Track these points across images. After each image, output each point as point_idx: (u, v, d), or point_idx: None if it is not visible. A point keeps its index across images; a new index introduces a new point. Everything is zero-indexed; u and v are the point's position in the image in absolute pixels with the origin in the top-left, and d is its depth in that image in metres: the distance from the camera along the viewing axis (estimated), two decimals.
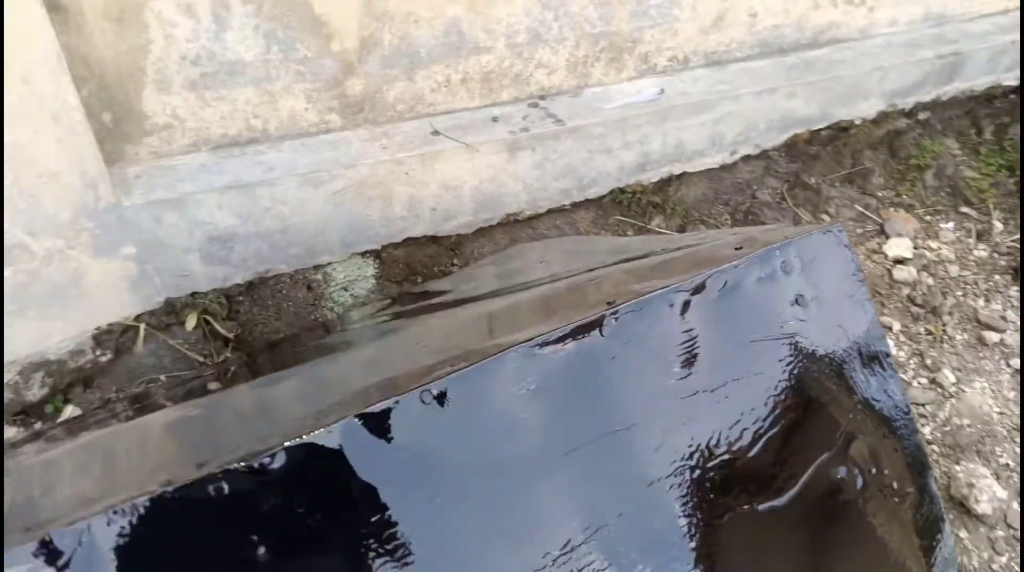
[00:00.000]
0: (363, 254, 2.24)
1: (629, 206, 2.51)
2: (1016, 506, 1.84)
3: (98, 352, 2.00)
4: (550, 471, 0.76)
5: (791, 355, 0.89)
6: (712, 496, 0.82)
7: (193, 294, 2.07)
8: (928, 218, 2.77)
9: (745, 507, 0.83)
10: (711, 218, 2.63)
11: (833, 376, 0.91)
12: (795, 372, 0.90)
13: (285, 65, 1.93)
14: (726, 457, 0.83)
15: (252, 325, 2.20)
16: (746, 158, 2.60)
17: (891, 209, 2.79)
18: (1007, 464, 1.91)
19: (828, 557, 0.85)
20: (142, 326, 2.02)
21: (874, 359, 0.93)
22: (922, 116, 2.90)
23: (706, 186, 2.63)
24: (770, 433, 0.86)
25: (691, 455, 0.83)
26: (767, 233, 1.02)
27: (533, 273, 1.58)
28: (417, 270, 2.32)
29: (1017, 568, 1.75)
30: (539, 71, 2.23)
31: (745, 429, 0.85)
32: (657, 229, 2.54)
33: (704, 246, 1.08)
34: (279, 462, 0.67)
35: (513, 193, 2.27)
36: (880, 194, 2.83)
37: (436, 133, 2.12)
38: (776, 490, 0.84)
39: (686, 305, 0.85)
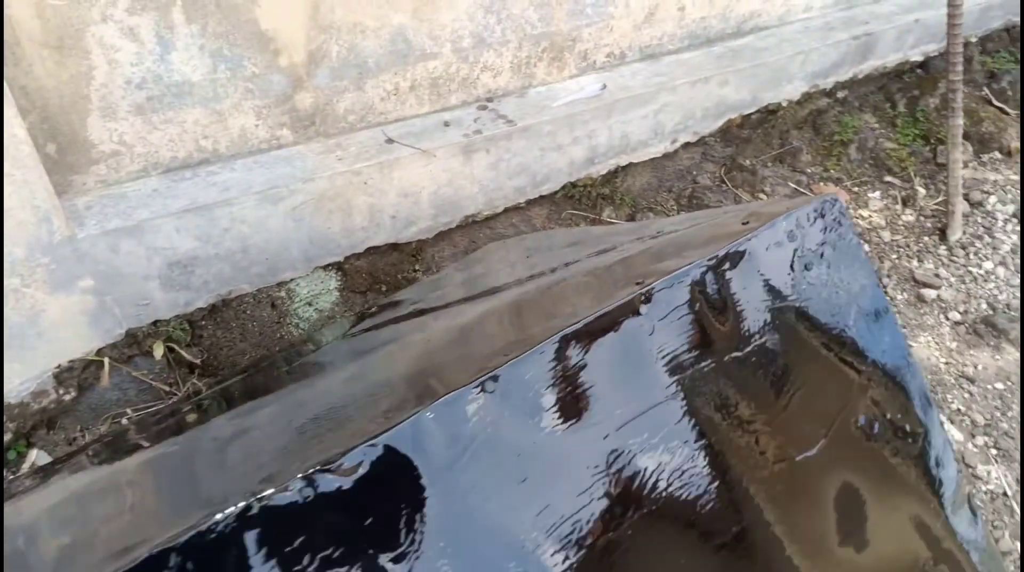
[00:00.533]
0: (325, 267, 2.22)
1: (580, 199, 2.57)
2: (972, 446, 1.98)
3: (61, 391, 1.93)
4: (612, 444, 0.80)
5: (808, 317, 0.96)
6: (756, 450, 0.88)
7: (155, 322, 2.02)
8: (856, 189, 2.94)
9: (783, 460, 0.89)
10: (657, 205, 2.72)
11: (845, 332, 0.98)
12: (812, 332, 0.97)
13: (233, 83, 1.90)
14: (765, 415, 0.90)
15: (217, 349, 2.16)
16: (686, 145, 2.70)
17: (821, 183, 2.95)
18: (958, 409, 2.05)
19: (858, 497, 0.92)
20: (107, 360, 1.96)
21: (878, 314, 1.01)
22: (841, 95, 3.07)
23: (650, 175, 2.72)
24: (799, 389, 0.93)
25: (733, 415, 0.88)
26: (766, 206, 1.09)
27: (512, 272, 1.62)
28: (380, 279, 2.32)
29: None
30: (485, 74, 2.27)
31: (777, 388, 0.91)
32: (608, 220, 2.62)
33: (705, 224, 1.14)
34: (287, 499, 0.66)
35: (470, 195, 2.29)
36: (809, 170, 2.98)
37: (391, 141, 2.13)
38: (808, 441, 0.90)
39: (713, 278, 0.91)
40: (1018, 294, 2.46)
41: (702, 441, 0.84)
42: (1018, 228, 2.70)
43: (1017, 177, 2.94)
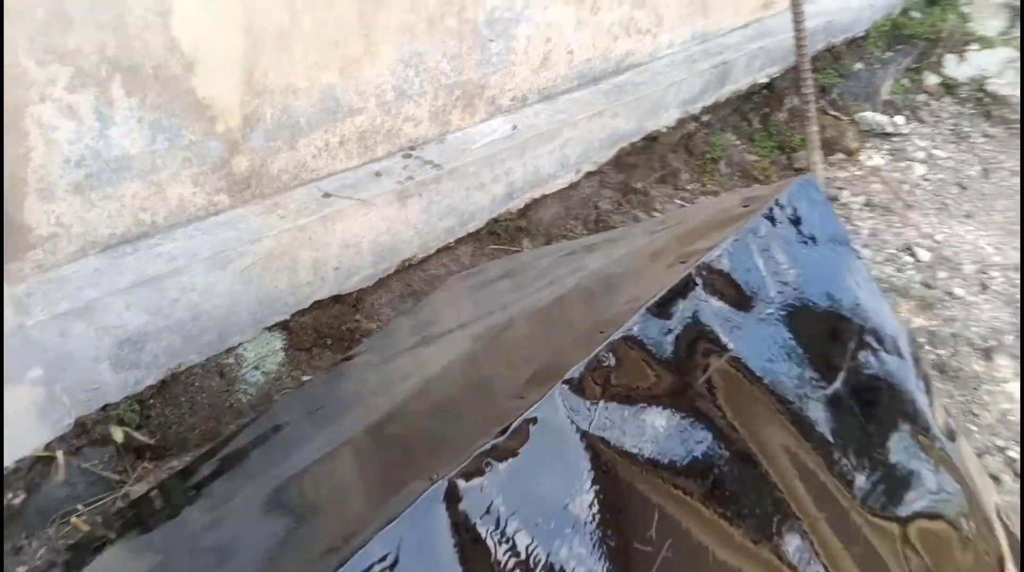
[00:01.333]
0: (271, 328, 2.21)
1: (501, 234, 2.71)
2: None
3: (9, 495, 1.80)
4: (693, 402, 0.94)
5: (812, 281, 1.16)
6: (794, 388, 1.05)
7: (104, 407, 1.93)
8: None
9: (810, 397, 1.07)
10: (568, 232, 2.92)
11: (842, 290, 1.19)
12: (817, 292, 1.16)
13: (172, 153, 1.89)
14: (795, 362, 1.07)
15: (167, 427, 2.09)
16: (587, 175, 2.93)
17: (701, 197, 3.27)
18: None
19: (865, 422, 1.11)
20: (60, 454, 1.85)
21: (858, 272, 1.22)
22: (705, 118, 3.43)
23: (559, 205, 2.92)
24: (818, 339, 1.12)
25: (774, 364, 1.05)
26: (754, 191, 1.27)
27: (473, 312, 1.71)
28: (324, 333, 2.33)
29: None
30: (407, 124, 2.37)
31: (802, 338, 1.09)
32: (526, 250, 2.77)
33: (708, 211, 1.32)
34: None
35: (407, 239, 2.37)
36: (689, 187, 3.30)
37: (328, 195, 2.18)
38: (828, 380, 1.10)
39: (740, 254, 1.08)
40: (885, 272, 2.86)
41: (756, 383, 1.00)
42: (872, 214, 3.14)
43: (861, 172, 3.42)
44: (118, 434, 1.91)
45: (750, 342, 1.05)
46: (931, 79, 4.07)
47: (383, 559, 0.72)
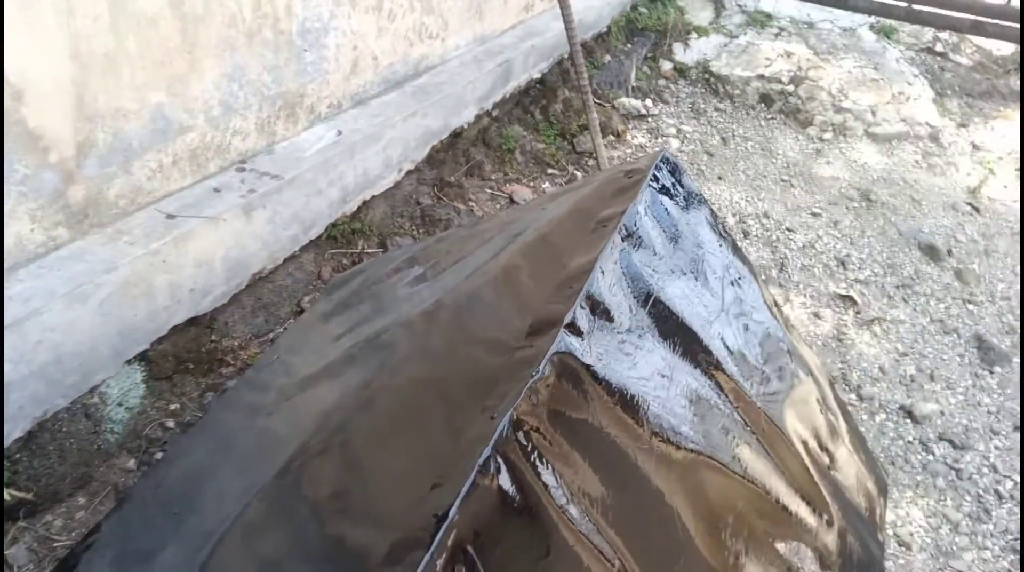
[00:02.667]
0: (131, 361, 2.13)
1: (339, 238, 2.80)
2: None
3: None
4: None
5: (692, 229, 1.45)
6: (702, 314, 1.34)
7: None
8: (531, 183, 3.63)
9: (711, 321, 1.36)
10: (400, 230, 3.07)
11: (711, 234, 1.50)
12: (696, 238, 1.45)
13: (6, 189, 1.78)
14: (697, 293, 1.35)
15: (37, 480, 1.95)
16: (408, 174, 3.10)
17: (507, 185, 3.59)
18: None
19: (744, 332, 1.44)
20: None
21: (714, 219, 1.55)
22: (495, 113, 3.75)
23: (385, 205, 3.06)
24: (705, 275, 1.41)
25: (687, 297, 1.33)
26: (631, 165, 1.53)
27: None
28: (184, 358, 2.28)
29: None
30: (236, 138, 2.39)
31: (703, 278, 1.38)
32: (366, 252, 2.89)
33: (592, 185, 1.56)
34: None
35: (255, 252, 2.39)
36: (494, 177, 3.60)
37: (172, 216, 2.14)
38: (718, 304, 1.41)
39: (643, 214, 1.33)
40: None
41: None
42: None
43: (630, 150, 3.94)
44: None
45: (666, 281, 1.32)
46: (666, 66, 4.76)
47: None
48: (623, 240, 1.28)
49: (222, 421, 1.82)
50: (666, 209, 1.44)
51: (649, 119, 4.30)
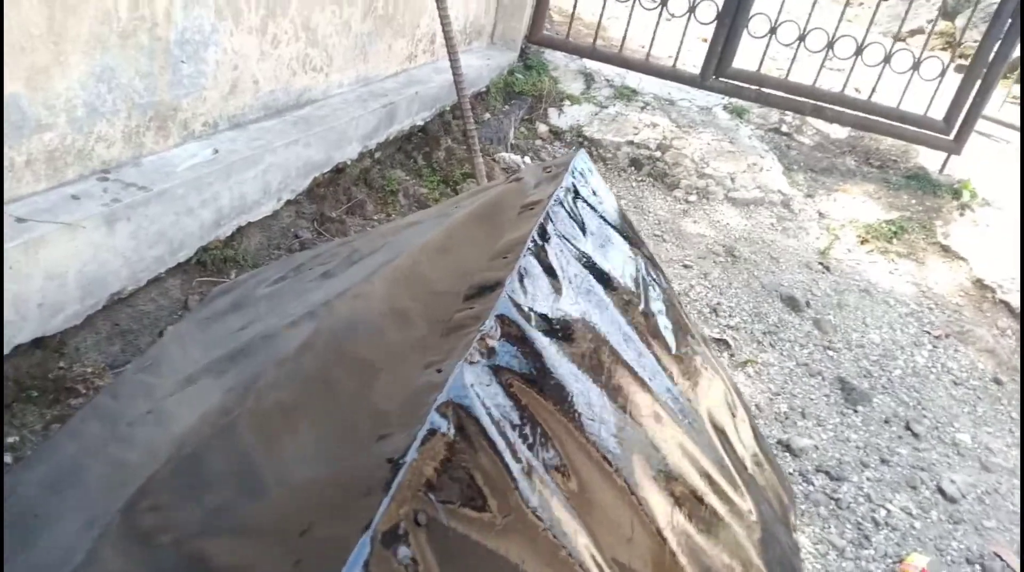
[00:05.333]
0: None
1: (209, 264, 2.58)
2: None
3: None
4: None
5: (609, 223, 1.42)
6: (625, 282, 1.29)
7: None
8: None
9: (632, 289, 1.32)
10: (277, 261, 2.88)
11: (626, 225, 1.47)
12: (614, 231, 1.42)
13: None
14: (617, 265, 1.31)
15: None
16: (287, 204, 2.94)
17: (387, 223, 3.49)
18: None
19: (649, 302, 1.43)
20: None
21: (618, 205, 1.54)
22: (378, 155, 3.68)
23: (261, 235, 2.87)
24: (626, 263, 1.37)
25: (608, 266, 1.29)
26: (550, 163, 1.49)
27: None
28: (27, 384, 1.98)
29: None
30: (100, 145, 2.17)
31: (616, 263, 1.33)
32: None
33: (508, 183, 1.49)
34: None
35: (115, 270, 2.14)
36: (377, 217, 3.50)
37: (22, 220, 1.88)
38: (629, 291, 1.38)
39: (565, 200, 1.29)
40: None
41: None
42: None
43: None
44: None
45: (590, 250, 1.29)
46: (542, 128, 4.91)
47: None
48: (554, 217, 1.24)
49: (64, 450, 1.57)
50: (585, 196, 1.42)
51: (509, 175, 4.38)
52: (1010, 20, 4.55)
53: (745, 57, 5.12)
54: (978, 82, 4.78)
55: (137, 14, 2.14)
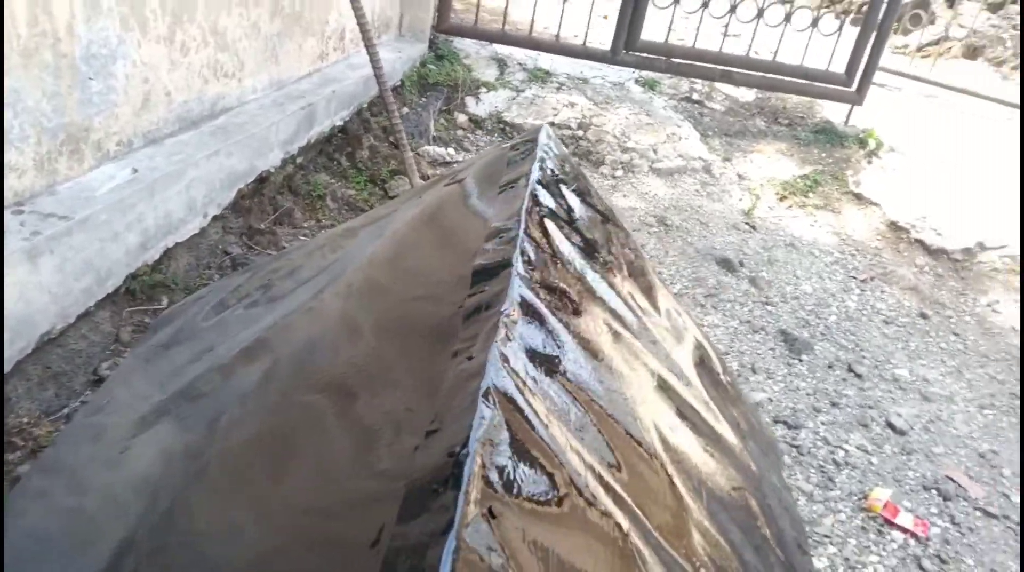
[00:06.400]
0: None
1: (139, 293, 2.45)
2: None
3: None
4: None
5: (580, 194, 1.41)
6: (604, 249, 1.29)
7: None
8: None
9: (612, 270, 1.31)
10: (208, 281, 2.76)
11: (594, 195, 1.46)
12: (586, 202, 1.42)
13: None
14: (596, 249, 1.30)
15: None
16: (214, 219, 2.81)
17: (321, 231, 3.39)
18: None
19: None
20: None
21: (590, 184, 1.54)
22: (301, 159, 3.57)
23: (189, 255, 2.74)
24: (602, 232, 1.37)
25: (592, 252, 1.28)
26: (516, 140, 1.47)
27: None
28: None
29: None
30: (11, 175, 2.01)
31: (597, 234, 1.33)
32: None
33: (488, 160, 1.47)
34: None
35: (42, 308, 2.00)
36: (307, 224, 3.39)
37: None
38: (613, 261, 1.37)
39: (544, 174, 1.28)
40: None
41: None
42: None
43: None
44: None
45: (576, 223, 1.28)
46: (461, 117, 4.87)
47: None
48: (537, 194, 1.23)
49: (20, 512, 1.47)
50: (556, 173, 1.41)
51: (453, 165, 4.33)
52: None
53: (652, 29, 5.20)
54: (874, 33, 5.00)
55: (38, 30, 2.00)
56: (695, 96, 5.76)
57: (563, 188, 1.37)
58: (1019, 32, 7.93)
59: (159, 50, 2.52)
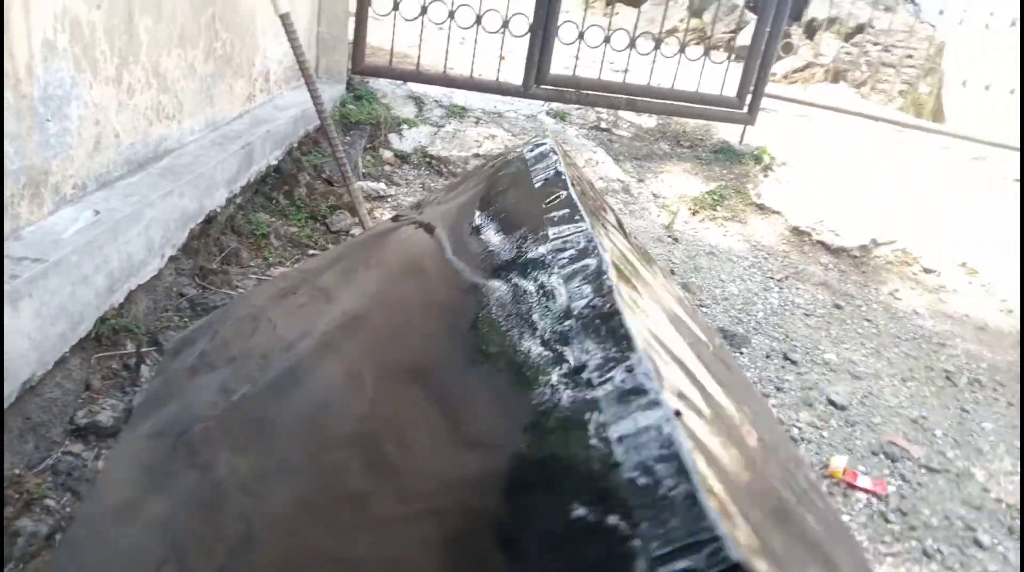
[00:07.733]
0: None
1: (105, 338, 2.38)
2: None
3: None
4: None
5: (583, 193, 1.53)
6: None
7: None
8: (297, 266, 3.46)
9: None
10: (169, 325, 2.70)
11: (590, 189, 1.57)
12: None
13: None
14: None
15: None
16: (170, 260, 2.76)
17: (269, 270, 3.37)
18: None
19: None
20: None
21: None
22: (240, 200, 3.54)
23: (148, 299, 2.68)
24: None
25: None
26: (508, 152, 1.55)
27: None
28: None
29: None
30: None
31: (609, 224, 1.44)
32: (142, 352, 2.48)
33: (481, 175, 1.54)
34: None
35: (23, 355, 1.92)
36: (253, 263, 3.37)
37: None
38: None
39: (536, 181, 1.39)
40: None
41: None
42: None
43: None
44: None
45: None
46: (387, 154, 4.94)
47: None
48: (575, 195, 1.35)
49: None
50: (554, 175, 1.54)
51: (388, 199, 4.40)
52: (776, 2, 5.25)
53: (559, 63, 5.47)
54: (758, 60, 5.47)
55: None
56: (603, 125, 6.07)
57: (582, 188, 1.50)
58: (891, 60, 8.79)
59: (108, 92, 2.49)
